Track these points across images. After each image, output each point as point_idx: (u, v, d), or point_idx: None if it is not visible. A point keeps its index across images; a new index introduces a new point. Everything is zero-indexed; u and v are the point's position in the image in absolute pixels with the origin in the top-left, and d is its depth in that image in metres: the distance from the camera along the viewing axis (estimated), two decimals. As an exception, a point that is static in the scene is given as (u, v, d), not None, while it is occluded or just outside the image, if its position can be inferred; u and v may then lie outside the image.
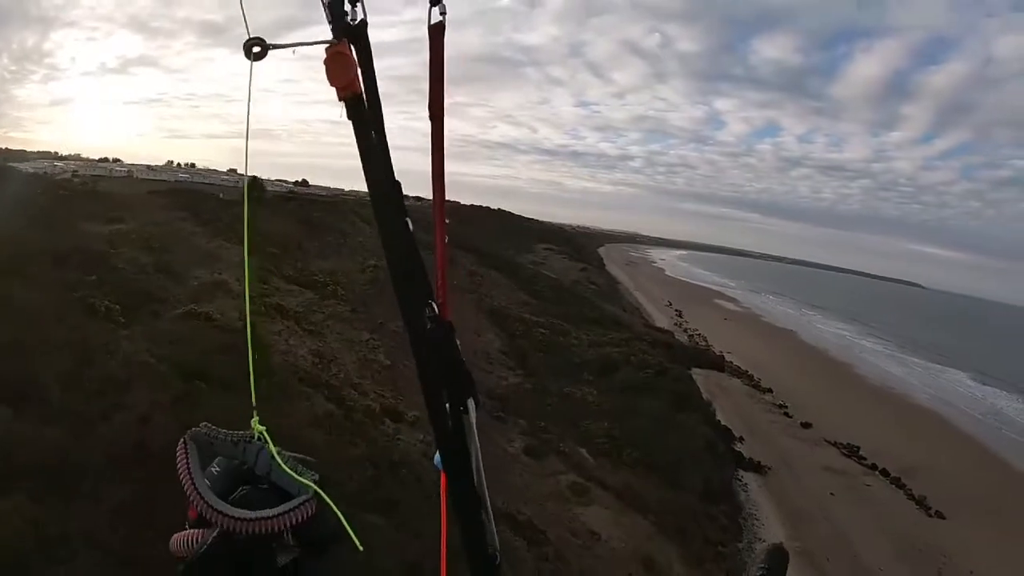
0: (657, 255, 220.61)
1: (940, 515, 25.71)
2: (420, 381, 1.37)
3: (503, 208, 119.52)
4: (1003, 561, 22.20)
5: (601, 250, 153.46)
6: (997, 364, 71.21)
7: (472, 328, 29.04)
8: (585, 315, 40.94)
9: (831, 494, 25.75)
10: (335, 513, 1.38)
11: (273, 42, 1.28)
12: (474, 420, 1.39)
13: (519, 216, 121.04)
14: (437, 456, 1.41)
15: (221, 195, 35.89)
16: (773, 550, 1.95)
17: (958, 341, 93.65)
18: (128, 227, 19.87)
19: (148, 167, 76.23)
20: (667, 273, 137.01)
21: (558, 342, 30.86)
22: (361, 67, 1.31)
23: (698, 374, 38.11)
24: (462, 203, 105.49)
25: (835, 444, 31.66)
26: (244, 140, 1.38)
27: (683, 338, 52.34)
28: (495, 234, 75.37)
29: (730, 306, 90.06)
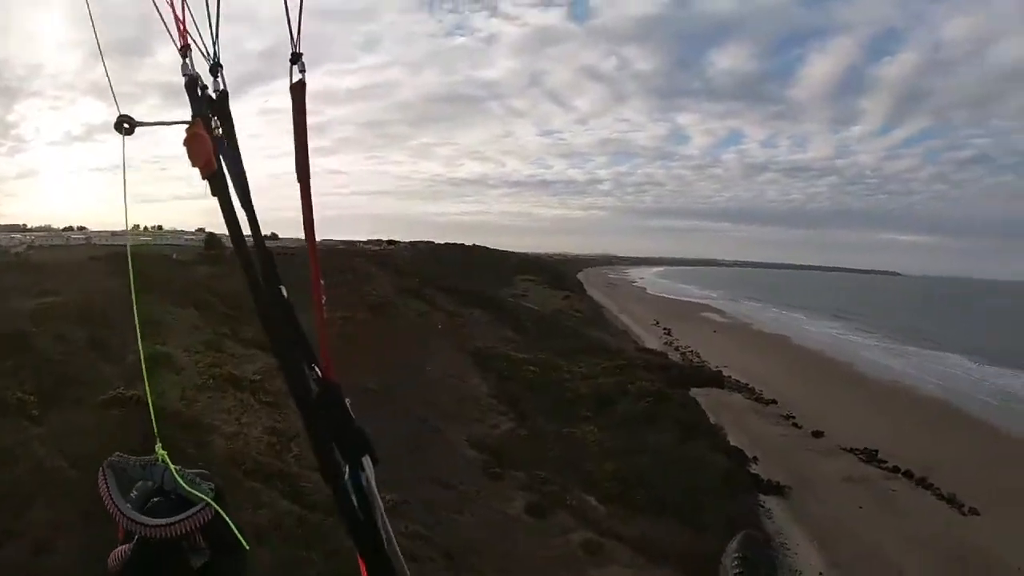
0: (636, 274, 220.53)
1: (974, 511, 24.19)
2: (312, 447, 1.40)
3: (478, 244, 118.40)
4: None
5: (580, 275, 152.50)
6: (989, 342, 70.57)
7: (457, 373, 27.16)
8: (574, 346, 39.17)
9: (860, 507, 23.98)
10: (227, 520, 1.48)
11: (141, 120, 1.35)
12: (373, 480, 1.43)
13: (495, 250, 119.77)
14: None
15: (175, 255, 33.82)
16: (744, 538, 2.06)
17: (946, 324, 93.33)
18: (61, 299, 17.83)
19: (112, 233, 73.88)
20: (649, 291, 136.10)
21: (549, 379, 29.00)
22: (226, 136, 1.38)
23: (698, 393, 36.42)
24: (436, 242, 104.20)
25: (851, 451, 29.98)
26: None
27: (676, 357, 50.75)
28: (472, 271, 73.75)
29: (717, 318, 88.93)
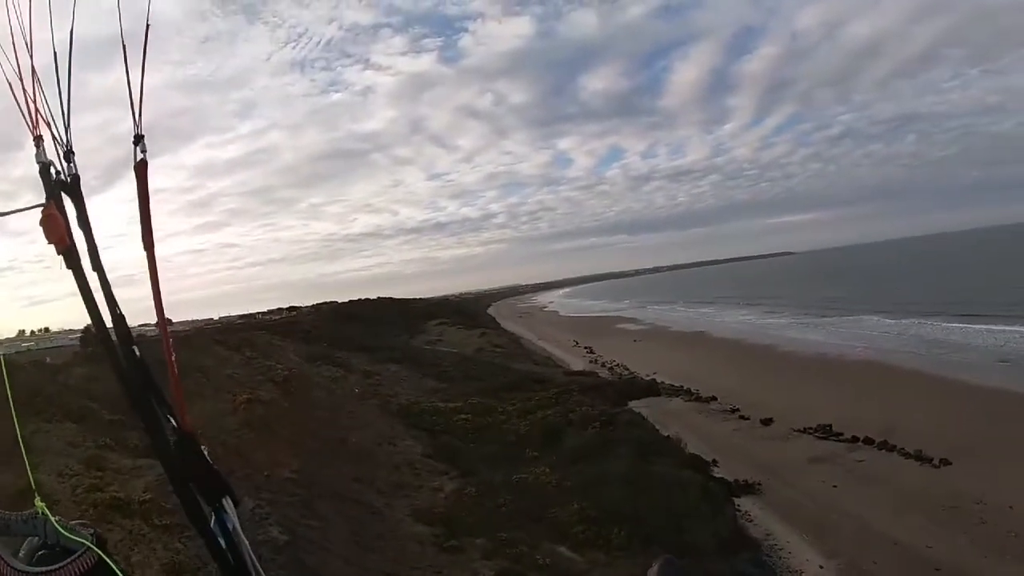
0: (544, 299, 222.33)
1: (946, 462, 23.92)
2: (176, 494, 1.45)
3: (382, 296, 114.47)
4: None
5: (490, 310, 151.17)
6: (893, 299, 74.61)
7: (385, 438, 24.32)
8: (502, 383, 37.00)
9: (834, 487, 23.00)
10: (110, 564, 1.46)
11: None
12: (236, 519, 1.47)
13: (401, 300, 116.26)
14: None
15: (48, 359, 28.97)
16: (663, 565, 2.12)
17: (847, 290, 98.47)
18: None
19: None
20: (561, 314, 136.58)
21: (486, 424, 26.62)
22: (79, 216, 1.47)
23: (638, 406, 35.14)
24: (339, 301, 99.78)
25: (805, 431, 29.29)
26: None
27: (606, 374, 49.55)
28: (381, 325, 70.35)
29: (633, 327, 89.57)
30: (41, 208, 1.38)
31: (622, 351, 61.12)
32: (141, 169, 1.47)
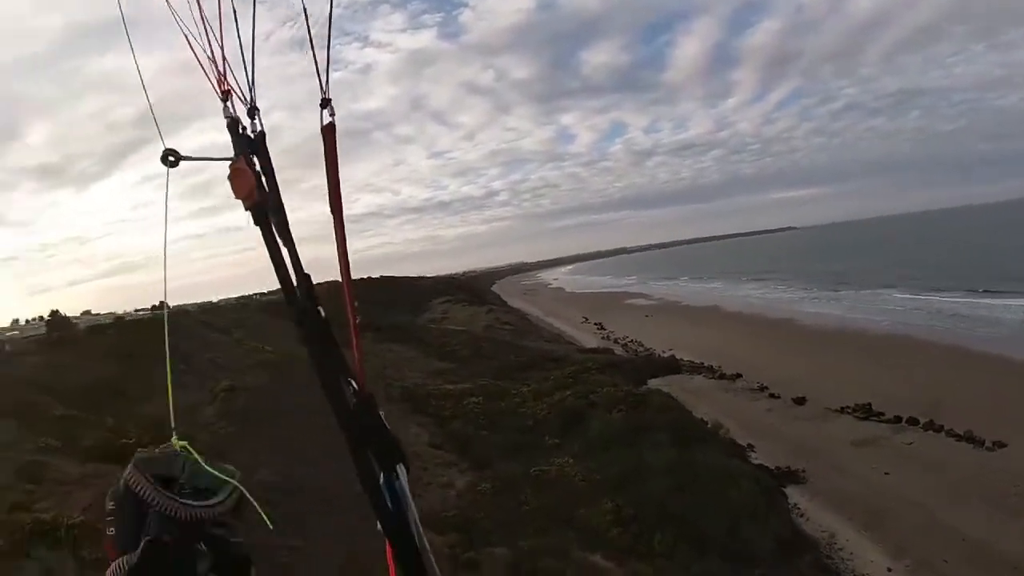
0: (549, 277, 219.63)
1: (1000, 444, 21.81)
2: (351, 455, 1.44)
3: (385, 275, 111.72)
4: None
5: (495, 288, 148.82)
6: (906, 273, 71.68)
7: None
8: (514, 362, 34.62)
9: (886, 474, 20.70)
10: (253, 504, 1.54)
11: (185, 155, 1.47)
12: (406, 485, 1.46)
13: (405, 278, 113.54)
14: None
15: (7, 347, 26.62)
16: None
17: (858, 264, 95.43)
18: None
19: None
20: (567, 290, 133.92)
21: (499, 408, 24.23)
22: (265, 174, 1.45)
23: (659, 384, 32.82)
24: (339, 281, 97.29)
25: (843, 410, 26.96)
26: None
27: (620, 351, 47.21)
28: (386, 303, 67.84)
29: (642, 302, 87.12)
30: (229, 163, 1.41)
31: (634, 327, 58.67)
32: (329, 132, 1.47)
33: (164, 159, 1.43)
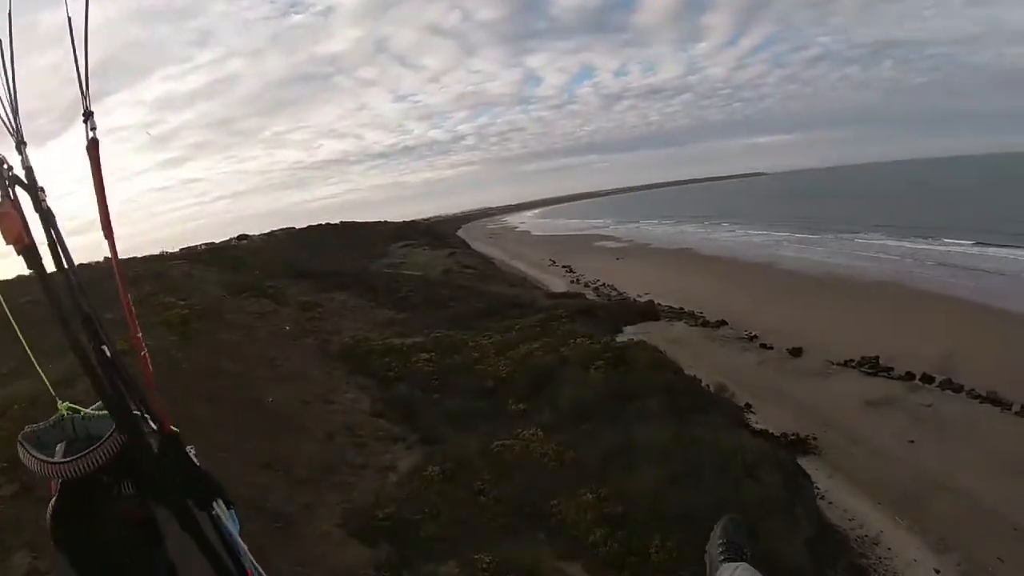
0: (515, 220, 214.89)
1: None
2: (168, 507, 1.35)
3: (345, 220, 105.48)
4: None
5: (460, 232, 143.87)
6: (886, 220, 69.04)
7: (317, 393, 18.03)
8: (474, 309, 30.73)
9: (910, 442, 17.63)
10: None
11: None
12: (228, 520, 1.39)
13: (366, 223, 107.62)
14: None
15: None
16: (727, 522, 1.86)
17: (834, 210, 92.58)
18: None
19: None
20: (534, 234, 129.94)
21: (454, 364, 20.41)
22: (37, 209, 1.33)
23: (635, 332, 29.44)
24: (296, 228, 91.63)
25: (846, 364, 23.91)
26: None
27: (592, 296, 43.71)
28: (340, 249, 63.00)
29: (612, 244, 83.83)
30: None
31: (605, 270, 55.28)
32: (93, 149, 1.35)
33: None
